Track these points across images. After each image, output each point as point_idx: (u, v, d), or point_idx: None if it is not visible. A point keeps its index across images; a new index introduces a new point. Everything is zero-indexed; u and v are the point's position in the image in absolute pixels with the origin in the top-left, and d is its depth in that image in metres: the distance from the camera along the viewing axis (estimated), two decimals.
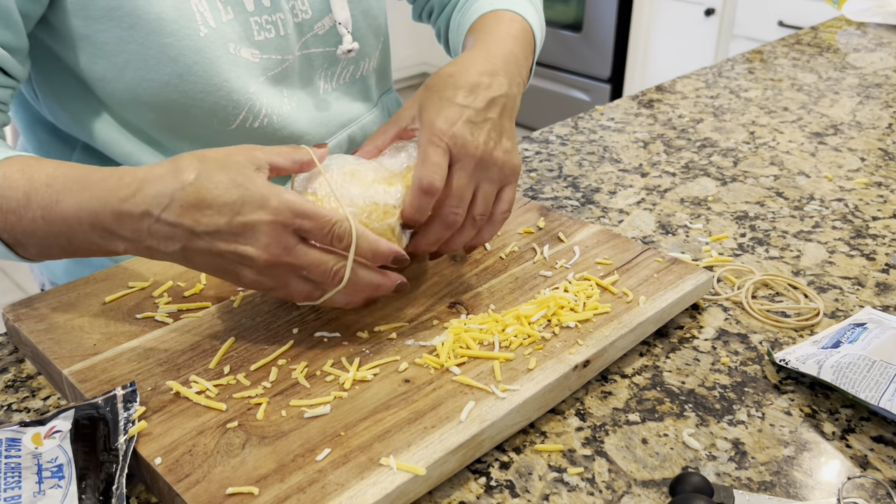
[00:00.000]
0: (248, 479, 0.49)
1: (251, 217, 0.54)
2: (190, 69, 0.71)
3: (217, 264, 0.56)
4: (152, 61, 0.70)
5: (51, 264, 0.88)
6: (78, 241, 0.59)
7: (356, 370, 0.58)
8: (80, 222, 0.57)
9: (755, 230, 0.85)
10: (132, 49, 0.70)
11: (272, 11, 0.75)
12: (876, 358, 0.59)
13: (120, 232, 0.56)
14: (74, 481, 0.48)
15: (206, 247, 0.55)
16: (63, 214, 0.57)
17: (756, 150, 1.06)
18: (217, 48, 0.71)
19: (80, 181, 0.58)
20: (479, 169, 0.63)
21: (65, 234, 0.58)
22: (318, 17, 0.79)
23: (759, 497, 0.51)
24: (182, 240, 0.55)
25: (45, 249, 0.61)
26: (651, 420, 0.59)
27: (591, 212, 0.89)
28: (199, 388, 0.56)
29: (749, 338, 0.68)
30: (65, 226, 0.58)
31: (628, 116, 1.17)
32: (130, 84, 0.72)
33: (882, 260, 0.80)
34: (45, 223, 0.58)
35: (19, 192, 0.58)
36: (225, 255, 0.55)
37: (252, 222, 0.54)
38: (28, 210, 0.58)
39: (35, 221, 0.59)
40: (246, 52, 0.74)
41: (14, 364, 0.64)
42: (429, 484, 0.51)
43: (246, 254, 0.54)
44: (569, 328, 0.63)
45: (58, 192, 0.58)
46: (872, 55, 1.46)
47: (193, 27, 0.70)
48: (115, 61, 0.71)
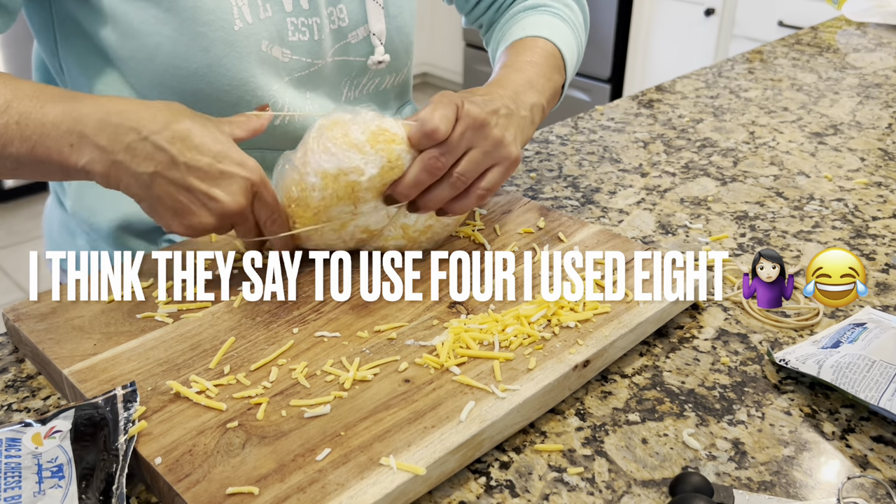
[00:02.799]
0: (248, 479, 0.49)
1: (230, 168, 0.61)
2: (219, 61, 0.72)
3: (178, 199, 0.60)
4: (183, 48, 0.71)
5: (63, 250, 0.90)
6: (41, 149, 0.60)
7: (356, 370, 0.58)
8: (58, 126, 0.59)
9: (755, 230, 0.85)
10: (165, 32, 0.71)
11: (309, 15, 0.77)
12: (876, 358, 0.59)
13: (96, 139, 0.59)
14: (74, 481, 0.48)
15: (178, 177, 0.59)
16: (42, 119, 0.60)
17: (756, 150, 1.06)
18: (250, 44, 0.73)
19: (72, 96, 0.61)
20: (477, 133, 0.66)
21: (32, 140, 0.60)
22: (354, 26, 0.81)
23: (758, 497, 0.51)
24: (159, 165, 0.59)
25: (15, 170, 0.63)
26: (651, 420, 0.59)
27: (591, 212, 0.89)
28: (199, 387, 0.56)
29: (749, 338, 0.68)
30: (38, 130, 0.60)
31: (628, 116, 1.17)
32: (159, 68, 0.73)
33: (882, 260, 0.80)
34: (18, 128, 0.60)
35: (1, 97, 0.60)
36: (194, 191, 0.60)
37: (230, 172, 0.61)
38: (3, 116, 0.60)
39: (7, 126, 0.60)
40: (277, 50, 0.75)
41: (14, 364, 0.64)
42: (429, 484, 0.51)
43: (215, 196, 0.60)
44: (569, 328, 0.63)
45: (43, 102, 0.60)
46: (872, 55, 1.46)
47: (229, 20, 0.71)
48: (147, 42, 0.72)
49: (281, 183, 0.68)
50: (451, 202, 0.68)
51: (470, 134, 0.66)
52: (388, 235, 0.71)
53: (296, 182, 0.66)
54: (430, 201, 0.67)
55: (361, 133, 0.65)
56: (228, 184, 0.61)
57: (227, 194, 0.61)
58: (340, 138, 0.65)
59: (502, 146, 0.68)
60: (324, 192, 0.65)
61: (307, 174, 0.65)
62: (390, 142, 0.65)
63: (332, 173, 0.65)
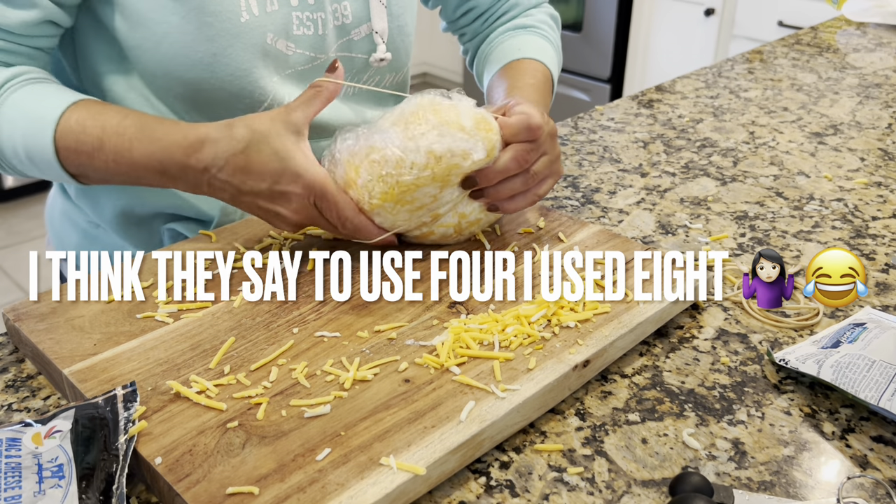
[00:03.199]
0: (248, 479, 0.49)
1: (286, 188, 0.65)
2: (224, 51, 0.74)
3: (258, 213, 0.69)
4: (189, 37, 0.73)
5: (65, 241, 0.93)
6: (143, 181, 0.70)
7: (356, 370, 0.58)
8: (148, 169, 0.68)
9: (755, 230, 0.85)
10: (173, 21, 0.72)
11: (315, 10, 0.78)
12: (876, 358, 0.59)
13: (184, 178, 0.68)
14: (75, 481, 0.48)
15: (249, 201, 0.67)
16: (133, 161, 0.68)
17: (756, 150, 1.06)
18: (255, 36, 0.74)
19: (147, 132, 0.68)
20: (551, 142, 0.72)
21: (131, 175, 0.69)
22: (357, 23, 0.82)
23: (758, 497, 0.51)
24: (231, 193, 0.67)
25: (107, 182, 0.73)
26: (651, 420, 0.59)
27: (591, 212, 0.89)
28: (199, 387, 0.56)
29: (749, 338, 0.68)
30: (133, 169, 0.69)
31: (628, 116, 1.17)
32: (164, 57, 0.74)
33: (882, 260, 0.80)
34: (116, 165, 0.69)
35: (93, 137, 0.68)
36: (264, 210, 0.67)
37: (286, 192, 0.65)
38: (101, 153, 0.68)
39: (106, 163, 0.69)
40: (282, 43, 0.77)
41: (14, 364, 0.64)
42: (429, 484, 0.51)
43: (279, 213, 0.67)
44: (569, 328, 0.63)
45: (129, 141, 0.68)
46: (872, 55, 1.46)
47: (236, 11, 0.73)
48: (155, 31, 0.73)
49: (351, 159, 0.67)
50: (511, 199, 0.72)
51: (548, 141, 0.71)
52: (441, 223, 0.72)
53: (388, 160, 0.65)
54: (502, 191, 0.71)
55: (469, 119, 0.67)
56: (287, 202, 0.66)
57: (289, 211, 0.67)
58: (454, 121, 0.66)
59: (559, 160, 0.74)
60: (422, 172, 0.66)
61: (413, 151, 0.65)
62: (489, 130, 0.67)
63: (438, 154, 0.65)
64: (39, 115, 0.69)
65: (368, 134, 0.67)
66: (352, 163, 0.67)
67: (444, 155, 0.65)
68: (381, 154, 0.66)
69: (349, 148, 0.68)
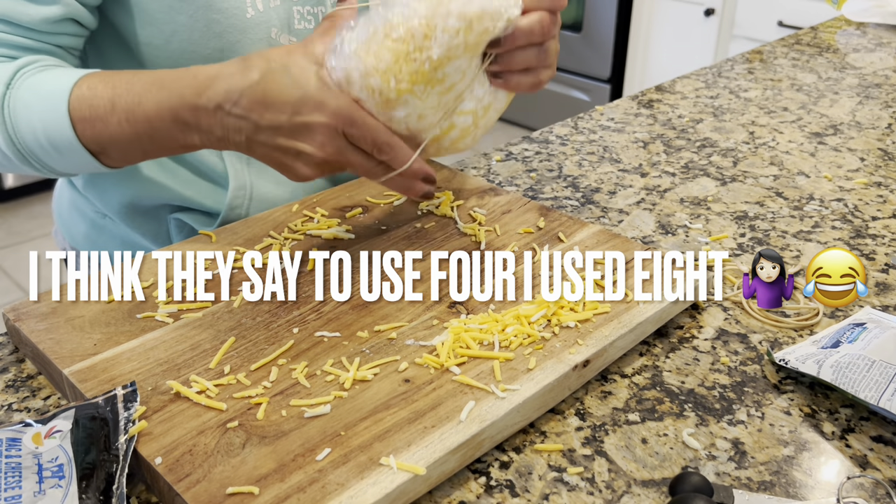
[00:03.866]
0: (248, 479, 0.49)
1: (309, 118, 0.60)
2: (231, 47, 0.75)
3: (276, 157, 0.63)
4: (197, 34, 0.74)
5: (73, 231, 0.93)
6: (159, 138, 0.65)
7: (356, 370, 0.58)
8: (162, 119, 0.64)
9: (755, 230, 0.85)
10: (181, 20, 0.73)
11: (315, 4, 0.79)
12: (876, 358, 0.59)
13: (197, 123, 0.63)
14: (75, 481, 0.48)
15: (267, 140, 0.61)
16: (146, 114, 0.64)
17: (756, 150, 1.06)
18: (260, 31, 0.75)
19: (156, 83, 0.64)
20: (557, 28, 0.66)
21: (147, 134, 0.65)
22: None
23: (758, 497, 0.51)
24: (247, 132, 0.61)
25: (128, 154, 0.68)
26: (651, 420, 0.59)
27: (590, 212, 0.89)
28: (199, 387, 0.56)
29: (749, 338, 0.68)
30: (148, 125, 0.64)
31: (628, 116, 1.17)
32: (174, 53, 0.75)
33: (882, 260, 0.80)
34: (130, 125, 0.65)
35: (105, 98, 0.65)
36: (284, 149, 0.61)
37: (309, 123, 0.60)
38: (113, 114, 0.64)
39: (120, 125, 0.65)
40: (285, 38, 0.78)
41: (14, 364, 0.64)
42: (429, 484, 0.51)
43: (303, 150, 0.61)
44: (569, 328, 0.63)
45: (139, 95, 0.64)
46: (872, 55, 1.46)
47: (241, 8, 0.74)
48: (164, 29, 0.74)
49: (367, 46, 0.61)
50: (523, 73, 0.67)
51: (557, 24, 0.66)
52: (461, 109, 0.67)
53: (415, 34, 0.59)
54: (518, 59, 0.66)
55: None
56: (311, 135, 0.61)
57: (313, 145, 0.61)
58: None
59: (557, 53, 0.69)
60: (454, 40, 0.60)
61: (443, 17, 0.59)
62: None
63: (470, 16, 0.59)
64: (52, 91, 0.67)
65: (381, 13, 0.60)
66: (369, 49, 0.60)
67: (475, 18, 0.60)
68: (406, 28, 0.59)
69: (359, 37, 0.61)
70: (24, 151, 0.69)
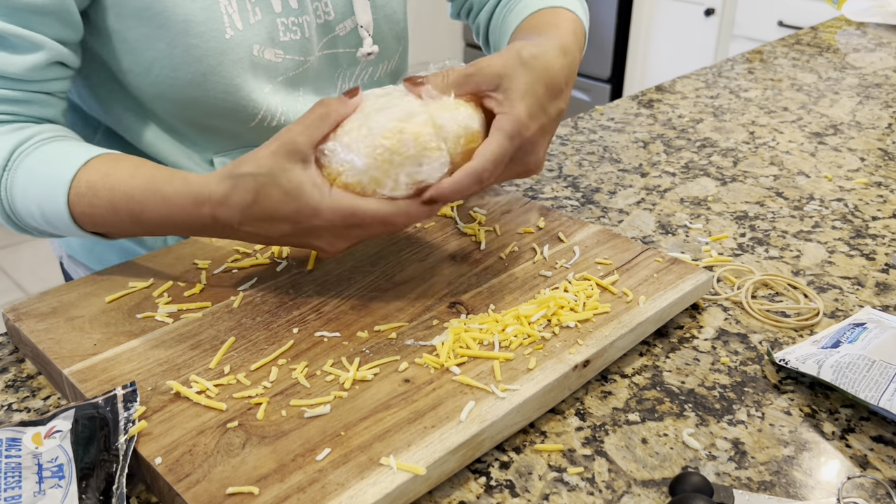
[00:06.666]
0: (248, 479, 0.49)
1: (310, 223, 0.61)
2: (213, 69, 0.73)
3: (297, 247, 0.67)
4: (177, 60, 0.72)
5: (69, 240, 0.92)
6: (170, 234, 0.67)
7: (356, 370, 0.58)
8: (168, 228, 0.65)
9: (755, 230, 0.85)
10: (159, 47, 0.72)
11: (299, 14, 0.77)
12: (876, 358, 0.59)
13: (209, 233, 0.65)
14: (75, 481, 0.48)
15: (283, 241, 0.64)
16: (151, 221, 0.65)
17: (756, 150, 1.06)
18: (241, 50, 0.74)
19: (156, 194, 0.64)
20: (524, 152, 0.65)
21: (155, 232, 0.67)
22: (341, 18, 0.81)
23: (758, 497, 0.51)
24: (262, 238, 0.63)
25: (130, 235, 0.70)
26: (651, 420, 0.59)
27: (591, 212, 0.89)
28: (199, 387, 0.56)
29: (749, 338, 0.68)
30: (153, 227, 0.66)
31: (628, 116, 1.17)
32: (156, 80, 0.74)
33: (882, 260, 0.80)
34: (134, 225, 0.66)
35: (104, 200, 0.65)
36: (302, 245, 0.64)
37: (312, 228, 0.61)
38: (116, 216, 0.66)
39: (123, 223, 0.66)
40: (270, 52, 0.76)
41: (14, 364, 0.64)
42: (429, 484, 0.51)
43: (320, 247, 0.64)
44: (569, 328, 0.63)
45: (140, 204, 0.64)
46: (872, 55, 1.46)
47: (220, 29, 0.72)
48: (143, 57, 0.73)
49: None
50: None
51: (520, 154, 0.64)
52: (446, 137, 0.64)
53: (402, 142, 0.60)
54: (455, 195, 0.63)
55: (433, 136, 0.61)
56: (319, 237, 0.62)
57: (325, 244, 0.63)
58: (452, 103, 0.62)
59: (536, 166, 0.67)
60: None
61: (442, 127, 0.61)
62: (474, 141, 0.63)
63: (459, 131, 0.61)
64: (50, 182, 0.66)
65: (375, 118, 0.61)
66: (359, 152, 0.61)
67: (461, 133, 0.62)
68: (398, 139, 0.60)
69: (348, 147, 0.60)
70: (23, 226, 0.71)
